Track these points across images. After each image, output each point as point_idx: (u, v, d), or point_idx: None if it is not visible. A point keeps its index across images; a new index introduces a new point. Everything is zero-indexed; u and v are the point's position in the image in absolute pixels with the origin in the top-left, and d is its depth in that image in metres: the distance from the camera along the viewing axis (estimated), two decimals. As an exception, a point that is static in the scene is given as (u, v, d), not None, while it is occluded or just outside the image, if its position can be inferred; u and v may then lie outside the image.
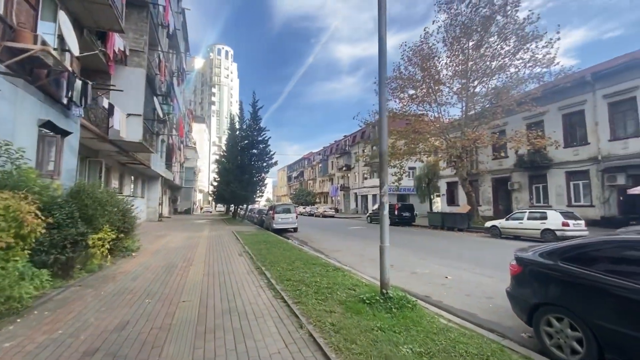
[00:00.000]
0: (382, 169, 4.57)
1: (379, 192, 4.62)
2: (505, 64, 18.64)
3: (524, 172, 21.88)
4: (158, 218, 25.02)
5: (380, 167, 4.60)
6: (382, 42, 4.58)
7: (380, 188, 4.62)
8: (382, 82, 4.66)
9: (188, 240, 11.81)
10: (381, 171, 4.58)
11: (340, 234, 16.81)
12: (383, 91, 4.69)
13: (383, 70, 4.63)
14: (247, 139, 23.36)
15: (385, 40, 4.60)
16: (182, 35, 22.21)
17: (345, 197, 50.74)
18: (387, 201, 4.62)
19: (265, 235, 13.83)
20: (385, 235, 4.51)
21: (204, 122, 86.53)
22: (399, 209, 22.44)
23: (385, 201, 4.55)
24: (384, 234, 4.52)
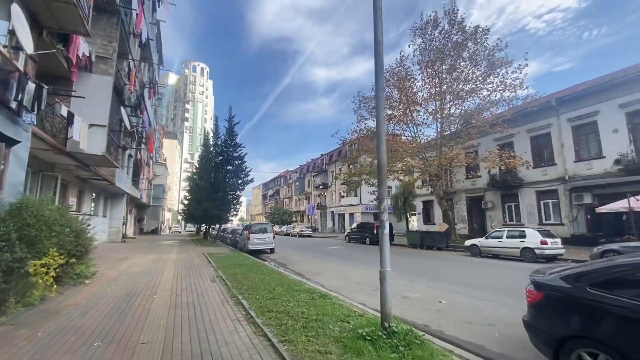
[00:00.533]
0: (381, 182, 4.10)
1: (379, 208, 4.13)
2: (477, 88, 19.44)
3: (496, 191, 22.51)
4: (121, 239, 23.05)
5: (379, 180, 4.13)
6: (379, 46, 4.25)
7: (379, 203, 4.13)
8: (380, 87, 4.27)
9: (153, 264, 10.63)
10: (380, 185, 4.11)
11: (319, 254, 16.09)
12: (381, 96, 4.30)
13: (380, 77, 4.26)
14: (222, 155, 22.43)
15: (381, 42, 4.27)
16: (155, 47, 21.40)
17: (322, 215, 50.14)
18: (387, 219, 4.14)
19: (239, 257, 12.86)
20: (386, 258, 3.99)
21: (176, 139, 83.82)
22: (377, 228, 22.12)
23: (385, 219, 4.06)
24: (384, 256, 3.99)
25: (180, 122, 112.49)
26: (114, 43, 12.22)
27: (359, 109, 21.61)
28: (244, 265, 10.06)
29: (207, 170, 24.22)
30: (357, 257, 14.79)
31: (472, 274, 9.91)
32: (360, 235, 23.98)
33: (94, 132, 11.11)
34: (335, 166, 46.85)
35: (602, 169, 16.98)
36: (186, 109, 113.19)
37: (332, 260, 13.25)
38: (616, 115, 16.56)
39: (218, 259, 11.80)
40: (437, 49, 20.36)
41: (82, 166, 12.73)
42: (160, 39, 22.40)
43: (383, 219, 4.00)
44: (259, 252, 16.58)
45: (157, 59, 21.93)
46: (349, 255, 15.68)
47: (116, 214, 23.41)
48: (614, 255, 9.82)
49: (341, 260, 13.20)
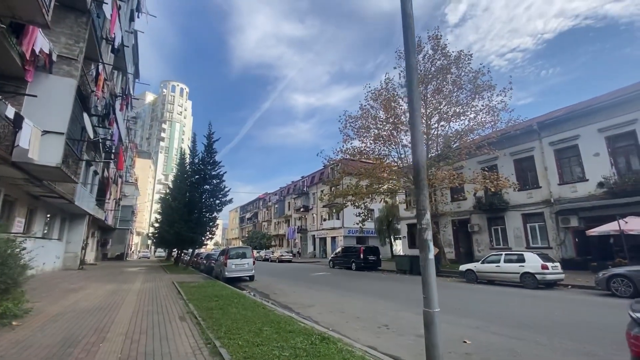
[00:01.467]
0: (421, 189, 3.12)
1: (419, 223, 3.11)
2: (463, 110, 19.53)
3: (482, 214, 22.26)
4: (79, 266, 20.45)
5: (418, 187, 3.15)
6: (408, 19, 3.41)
7: (419, 218, 3.12)
8: (412, 66, 3.40)
9: (111, 297, 8.89)
10: (420, 193, 3.12)
11: (305, 282, 14.65)
12: (413, 77, 3.41)
13: (412, 54, 3.39)
14: (199, 174, 20.88)
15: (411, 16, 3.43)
16: (131, 59, 20.17)
17: (303, 239, 48.39)
18: (430, 238, 3.11)
19: (215, 286, 11.26)
20: (433, 294, 2.92)
21: (150, 159, 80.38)
22: (364, 252, 21.02)
23: (428, 238, 3.04)
24: (430, 290, 2.93)
25: (155, 141, 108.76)
26: (81, 43, 10.97)
27: (345, 129, 21.10)
28: (220, 297, 8.57)
29: (182, 190, 22.45)
30: (348, 285, 13.52)
31: (480, 304, 8.94)
32: (345, 260, 22.70)
33: (48, 140, 9.58)
34: (317, 188, 45.93)
35: (586, 192, 17.06)
36: (163, 129, 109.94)
37: (321, 290, 11.90)
38: (596, 139, 16.90)
39: (190, 290, 10.18)
40: (421, 73, 20.55)
41: (33, 180, 10.98)
42: (137, 51, 21.24)
43: (425, 237, 2.99)
44: (237, 280, 14.93)
45: (132, 71, 20.64)
46: (338, 283, 14.36)
47: (75, 237, 20.92)
48: (623, 281, 9.28)
49: (331, 289, 11.88)
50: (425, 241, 2.97)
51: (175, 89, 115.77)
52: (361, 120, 21.03)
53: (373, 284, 13.75)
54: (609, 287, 9.43)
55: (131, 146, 43.36)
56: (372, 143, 21.27)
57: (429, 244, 3.02)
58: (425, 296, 2.91)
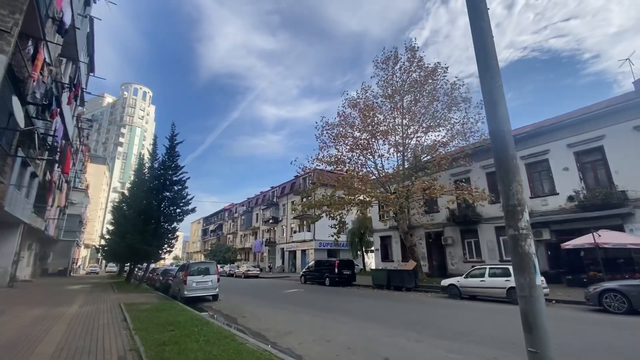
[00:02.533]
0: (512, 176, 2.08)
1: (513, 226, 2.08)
2: (440, 122, 19.50)
3: (455, 227, 22.16)
4: (8, 283, 17.25)
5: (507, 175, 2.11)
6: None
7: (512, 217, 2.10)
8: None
9: (32, 327, 6.93)
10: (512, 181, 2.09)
11: (277, 301, 13.15)
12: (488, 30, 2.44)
13: None
14: (159, 179, 18.76)
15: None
16: (84, 47, 17.91)
17: (271, 253, 46.26)
18: (533, 251, 2.08)
19: (172, 309, 9.51)
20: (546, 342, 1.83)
21: (106, 164, 74.20)
22: (339, 266, 19.89)
23: (530, 251, 2.00)
24: (543, 335, 1.84)
25: (112, 146, 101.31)
26: (17, 15, 9.10)
27: (322, 136, 20.22)
28: (177, 324, 6.97)
29: (138, 198, 20.11)
30: (326, 304, 12.26)
31: (473, 324, 8.13)
32: (318, 275, 21.38)
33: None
34: (288, 199, 44.43)
35: (557, 205, 17.41)
36: (121, 133, 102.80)
37: (297, 310, 10.53)
38: (565, 154, 17.42)
39: (139, 315, 8.38)
40: (397, 84, 20.43)
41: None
42: (92, 40, 18.98)
43: (527, 249, 1.94)
44: (199, 299, 13.10)
45: (85, 60, 18.29)
46: (314, 301, 13.03)
47: (4, 249, 17.72)
48: (617, 296, 8.98)
49: (308, 310, 10.54)
50: (528, 256, 1.93)
51: (137, 92, 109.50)
52: (338, 127, 20.31)
53: (353, 302, 12.61)
54: (600, 302, 9.10)
55: (83, 149, 39.29)
56: (348, 151, 20.57)
57: (531, 262, 1.98)
58: (536, 350, 1.82)
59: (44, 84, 10.72)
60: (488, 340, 6.40)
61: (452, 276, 21.59)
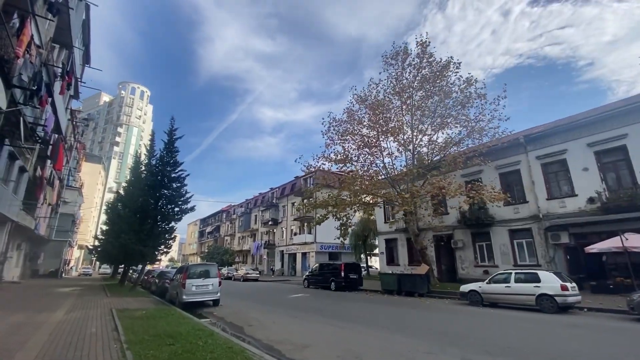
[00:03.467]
0: None
1: None
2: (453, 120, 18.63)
3: (466, 229, 21.26)
4: (-10, 286, 16.11)
5: None
6: None
7: None
8: None
9: (7, 336, 5.89)
10: None
11: (284, 307, 12.13)
12: None
13: None
14: (157, 176, 17.68)
15: None
16: (79, 36, 16.92)
17: (270, 255, 45.11)
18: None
19: (170, 316, 8.47)
20: None
21: (101, 164, 72.74)
22: (346, 270, 18.87)
23: None
24: None
25: (109, 146, 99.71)
26: (-2, -15, 8.11)
27: (329, 132, 19.27)
28: (177, 336, 5.96)
29: (134, 196, 19.04)
30: (339, 310, 11.25)
31: (514, 336, 7.17)
32: (322, 278, 20.33)
33: None
34: (288, 200, 43.40)
35: (576, 207, 16.56)
36: (118, 133, 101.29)
37: (308, 318, 9.51)
38: (585, 153, 16.61)
39: (133, 323, 7.35)
40: (407, 80, 19.60)
41: None
42: (88, 29, 17.98)
43: None
44: (198, 305, 12.05)
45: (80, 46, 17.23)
46: (325, 308, 12.01)
47: (-13, 249, 16.60)
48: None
49: (321, 318, 9.53)
50: None
51: (135, 91, 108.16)
52: (346, 124, 19.38)
53: (367, 309, 11.62)
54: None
55: (78, 146, 38.11)
56: (356, 149, 19.64)
57: None
58: None
59: (32, 65, 9.71)
60: (544, 356, 5.45)
61: (462, 281, 20.70)
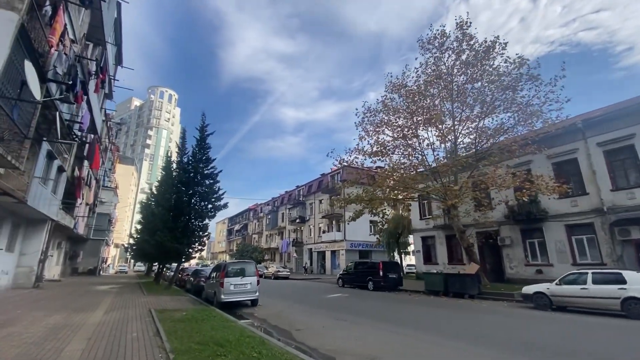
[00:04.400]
0: None
1: None
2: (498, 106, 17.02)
3: (515, 225, 19.51)
4: (34, 283, 16.46)
5: None
6: None
7: None
8: None
9: (44, 341, 5.44)
10: None
11: (327, 309, 11.30)
12: None
13: None
14: (189, 173, 17.42)
15: None
16: (112, 34, 16.95)
17: (298, 253, 44.66)
18: None
19: (212, 319, 7.85)
20: None
21: (134, 165, 75.55)
22: (384, 268, 17.79)
23: None
24: None
25: (140, 148, 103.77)
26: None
27: (362, 123, 18.21)
28: (226, 344, 5.24)
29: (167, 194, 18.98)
30: (388, 313, 10.27)
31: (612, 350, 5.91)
32: (358, 277, 19.34)
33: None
34: (315, 197, 42.71)
35: (649, 199, 14.57)
36: (149, 135, 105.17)
37: (361, 323, 8.59)
38: (658, 137, 14.58)
39: (175, 326, 6.76)
40: (446, 66, 18.16)
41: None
42: (120, 27, 18.01)
43: None
44: (236, 305, 11.48)
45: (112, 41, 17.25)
46: (370, 310, 11.08)
47: (30, 247, 16.98)
48: None
49: (374, 322, 8.58)
50: None
51: (163, 95, 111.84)
52: (381, 114, 18.23)
53: (419, 312, 10.56)
54: None
55: (112, 148, 39.38)
56: (392, 140, 18.44)
57: None
58: None
59: (66, 58, 9.42)
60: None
61: (510, 281, 19.03)
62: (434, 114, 17.37)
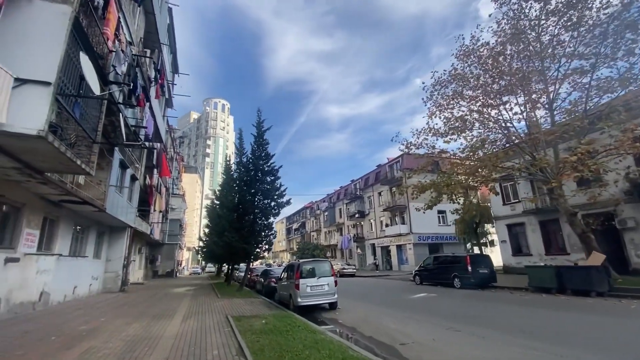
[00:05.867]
0: None
1: None
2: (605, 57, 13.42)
3: (638, 203, 15.58)
4: (120, 287, 17.39)
5: None
6: None
7: None
8: None
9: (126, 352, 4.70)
10: None
11: (420, 312, 9.59)
12: None
13: None
14: (250, 172, 16.90)
15: None
16: (166, 40, 17.12)
17: (360, 249, 43.06)
18: None
19: (298, 329, 6.68)
20: None
21: (197, 173, 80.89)
22: (472, 263, 15.35)
23: None
24: None
25: (201, 158, 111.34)
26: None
27: (432, 98, 15.93)
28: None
29: (230, 195, 18.92)
30: (519, 321, 8.20)
31: None
32: (439, 274, 17.10)
33: (24, 93, 5.88)
34: (374, 190, 40.67)
35: None
36: (207, 145, 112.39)
37: (486, 335, 6.71)
38: None
39: (260, 342, 5.69)
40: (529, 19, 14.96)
41: (25, 170, 7.44)
42: (173, 35, 18.26)
43: None
44: (313, 308, 10.33)
45: (170, 60, 17.60)
46: (481, 315, 9.09)
47: (116, 254, 17.99)
48: None
49: (511, 337, 6.59)
50: None
51: (217, 106, 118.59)
52: (453, 84, 15.75)
53: (554, 318, 8.30)
54: None
55: (177, 158, 41.88)
56: (468, 113, 15.83)
57: None
58: None
59: (124, 56, 9.07)
60: None
61: (637, 272, 15.24)
62: (520, 76, 14.42)
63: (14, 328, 7.02)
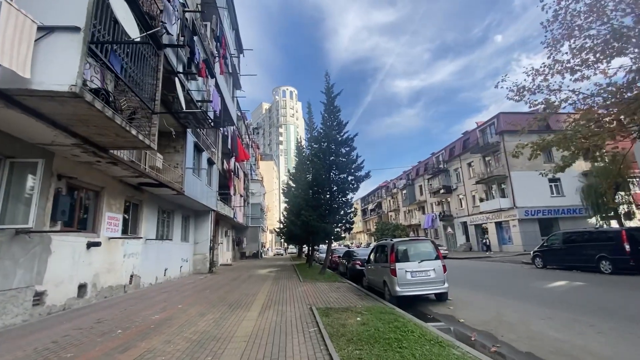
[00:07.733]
0: None
1: None
2: None
3: None
4: (209, 269, 17.80)
5: None
6: None
7: None
8: None
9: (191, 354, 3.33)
10: None
11: (572, 308, 6.63)
12: None
13: None
14: (322, 143, 15.15)
15: None
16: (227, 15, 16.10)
17: (447, 228, 38.69)
18: None
19: (409, 336, 4.63)
20: None
21: (273, 160, 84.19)
22: (631, 241, 11.03)
23: None
24: None
25: (275, 146, 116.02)
26: None
27: (557, 19, 11.59)
28: None
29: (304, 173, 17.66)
30: None
31: None
32: (573, 254, 13.01)
33: (51, 43, 4.83)
34: (461, 161, 35.59)
35: None
36: (280, 133, 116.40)
37: None
38: None
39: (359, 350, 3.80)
40: None
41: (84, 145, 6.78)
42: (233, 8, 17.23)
43: None
44: (415, 299, 8.11)
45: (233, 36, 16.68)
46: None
47: (202, 236, 18.47)
48: None
49: None
50: None
51: (285, 93, 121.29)
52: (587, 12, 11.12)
53: None
54: None
55: (253, 145, 43.07)
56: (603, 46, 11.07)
57: None
58: None
59: (175, 13, 7.85)
60: None
61: None
62: None
63: (91, 316, 6.54)
